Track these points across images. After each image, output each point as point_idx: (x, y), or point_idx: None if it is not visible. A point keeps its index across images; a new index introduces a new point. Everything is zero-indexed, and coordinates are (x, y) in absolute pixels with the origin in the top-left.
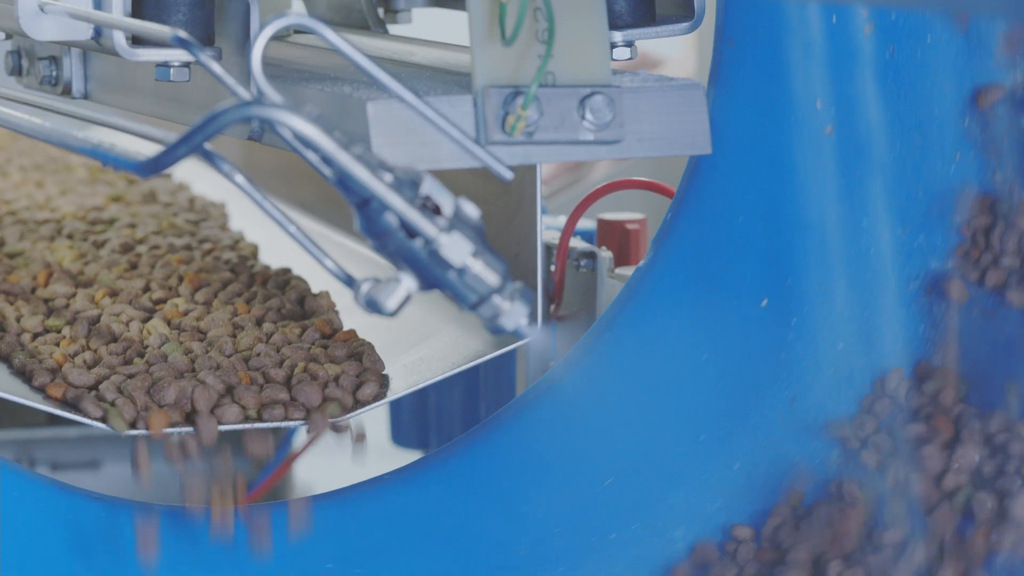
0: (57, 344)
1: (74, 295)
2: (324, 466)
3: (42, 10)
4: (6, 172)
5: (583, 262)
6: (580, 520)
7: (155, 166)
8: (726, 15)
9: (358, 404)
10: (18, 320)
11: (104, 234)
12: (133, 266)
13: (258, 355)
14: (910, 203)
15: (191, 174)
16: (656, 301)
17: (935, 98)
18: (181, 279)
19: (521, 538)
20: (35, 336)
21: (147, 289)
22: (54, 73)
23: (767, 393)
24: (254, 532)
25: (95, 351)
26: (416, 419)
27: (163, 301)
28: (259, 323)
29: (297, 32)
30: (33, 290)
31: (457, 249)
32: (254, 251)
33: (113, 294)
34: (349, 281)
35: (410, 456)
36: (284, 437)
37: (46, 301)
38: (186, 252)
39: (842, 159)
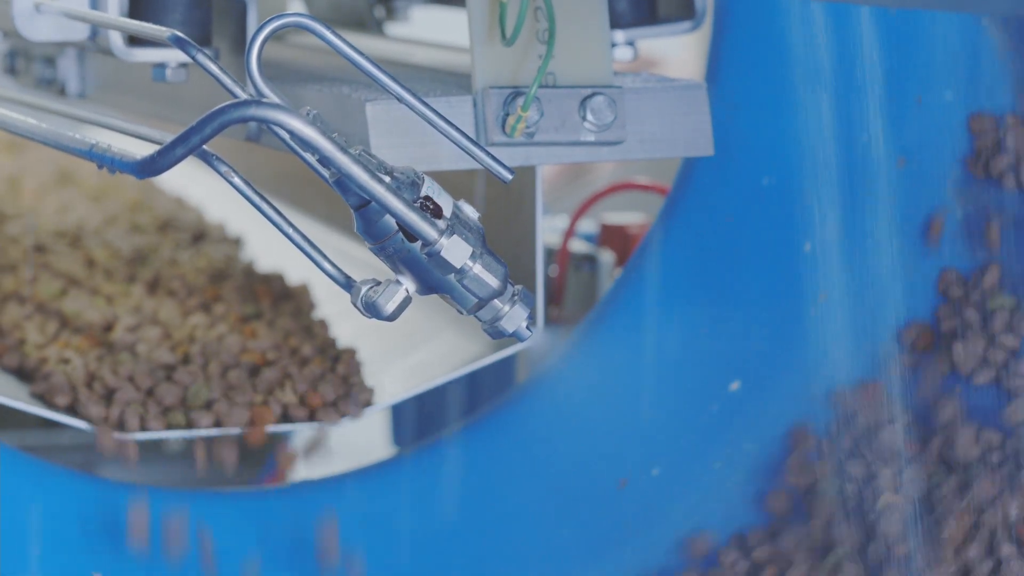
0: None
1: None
2: (322, 457)
3: (37, 10)
4: (18, 187)
5: (584, 265)
6: (570, 516)
7: (152, 167)
8: (724, 15)
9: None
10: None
11: (145, 268)
12: (202, 306)
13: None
14: (908, 202)
15: (185, 178)
16: (647, 297)
17: (937, 89)
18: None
19: (510, 531)
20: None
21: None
22: (50, 74)
23: (756, 390)
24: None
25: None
26: (416, 421)
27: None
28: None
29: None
30: (104, 338)
31: (457, 252)
32: (305, 292)
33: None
34: (347, 284)
35: None
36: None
37: (168, 374)
38: (252, 311)
39: (836, 157)
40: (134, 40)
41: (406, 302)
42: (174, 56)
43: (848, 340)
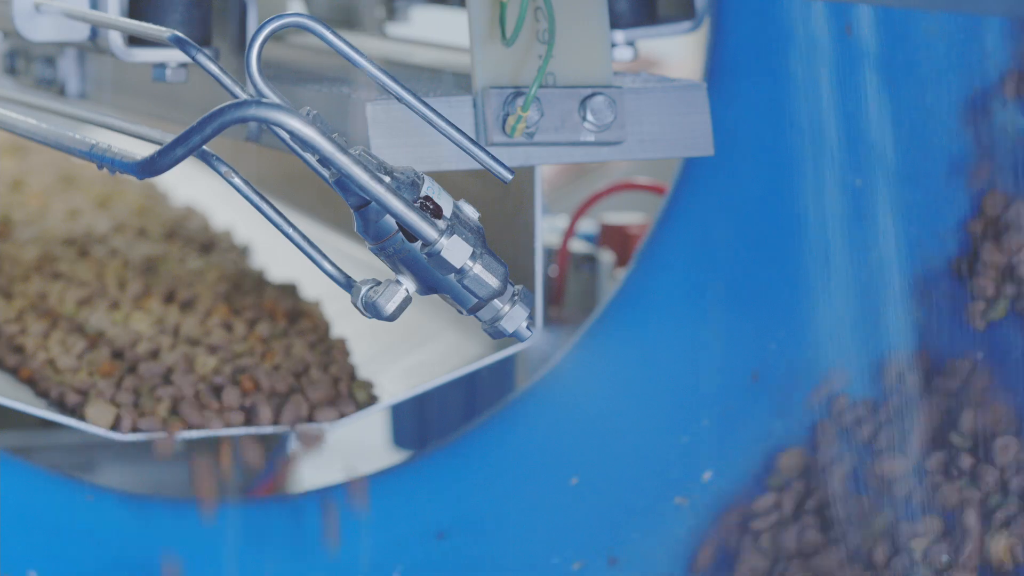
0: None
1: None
2: (319, 464)
3: (37, 10)
4: (23, 192)
5: (584, 265)
6: (569, 516)
7: (152, 167)
8: (723, 15)
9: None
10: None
11: (157, 276)
12: (223, 325)
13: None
14: (910, 202)
15: (187, 180)
16: (648, 298)
17: (937, 94)
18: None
19: (510, 532)
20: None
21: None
22: (50, 74)
23: (759, 389)
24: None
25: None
26: (417, 422)
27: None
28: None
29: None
30: (127, 361)
31: (456, 252)
32: (318, 311)
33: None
34: (347, 284)
35: None
36: (280, 441)
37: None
38: (274, 331)
39: (836, 158)
40: (134, 40)
41: (406, 302)
42: (174, 56)
43: (851, 337)
